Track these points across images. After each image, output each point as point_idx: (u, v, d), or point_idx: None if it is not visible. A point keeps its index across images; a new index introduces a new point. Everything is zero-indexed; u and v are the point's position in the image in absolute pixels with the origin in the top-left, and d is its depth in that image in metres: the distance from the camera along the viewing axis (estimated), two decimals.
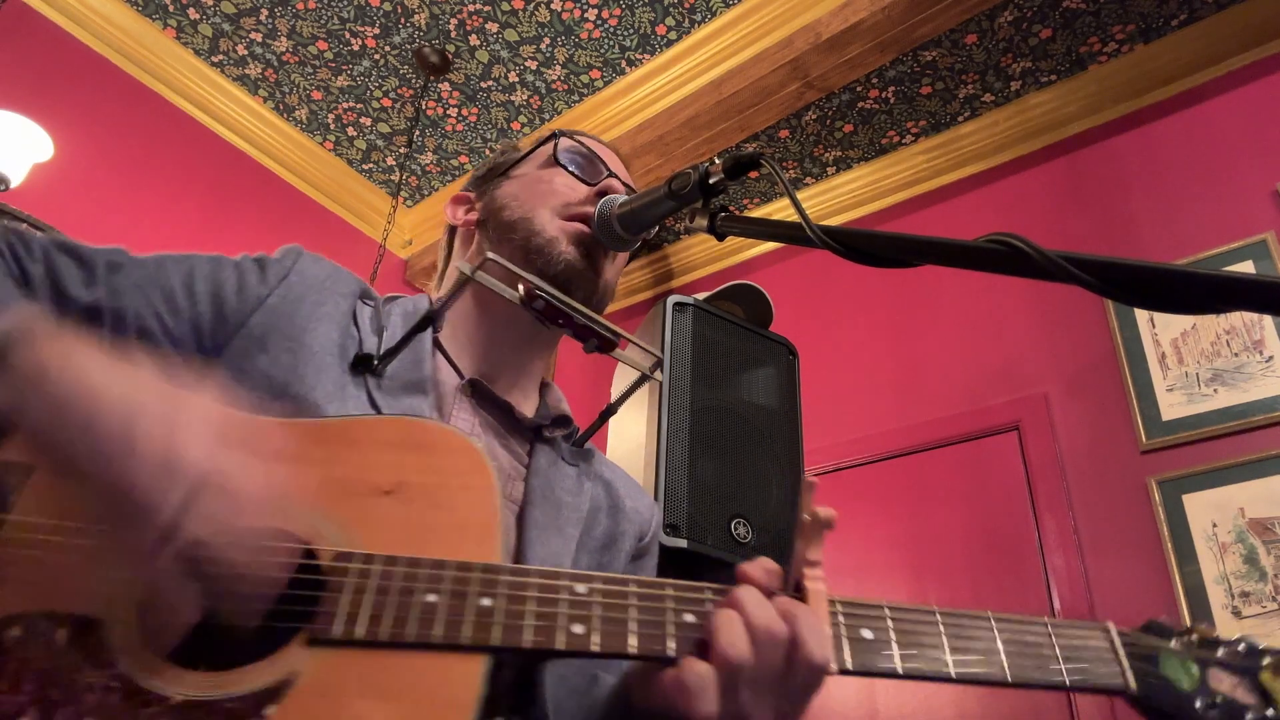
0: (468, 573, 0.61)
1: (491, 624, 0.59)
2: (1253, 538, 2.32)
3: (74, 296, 0.73)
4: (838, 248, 0.60)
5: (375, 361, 0.81)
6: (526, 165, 1.02)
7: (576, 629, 0.60)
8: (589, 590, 0.62)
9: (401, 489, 0.65)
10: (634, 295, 4.33)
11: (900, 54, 2.98)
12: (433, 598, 0.59)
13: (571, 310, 0.85)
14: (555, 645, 0.59)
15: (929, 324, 3.23)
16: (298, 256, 0.87)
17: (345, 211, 4.10)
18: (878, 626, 0.64)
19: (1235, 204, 2.73)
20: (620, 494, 0.97)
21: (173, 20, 3.38)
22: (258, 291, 0.81)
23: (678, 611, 0.62)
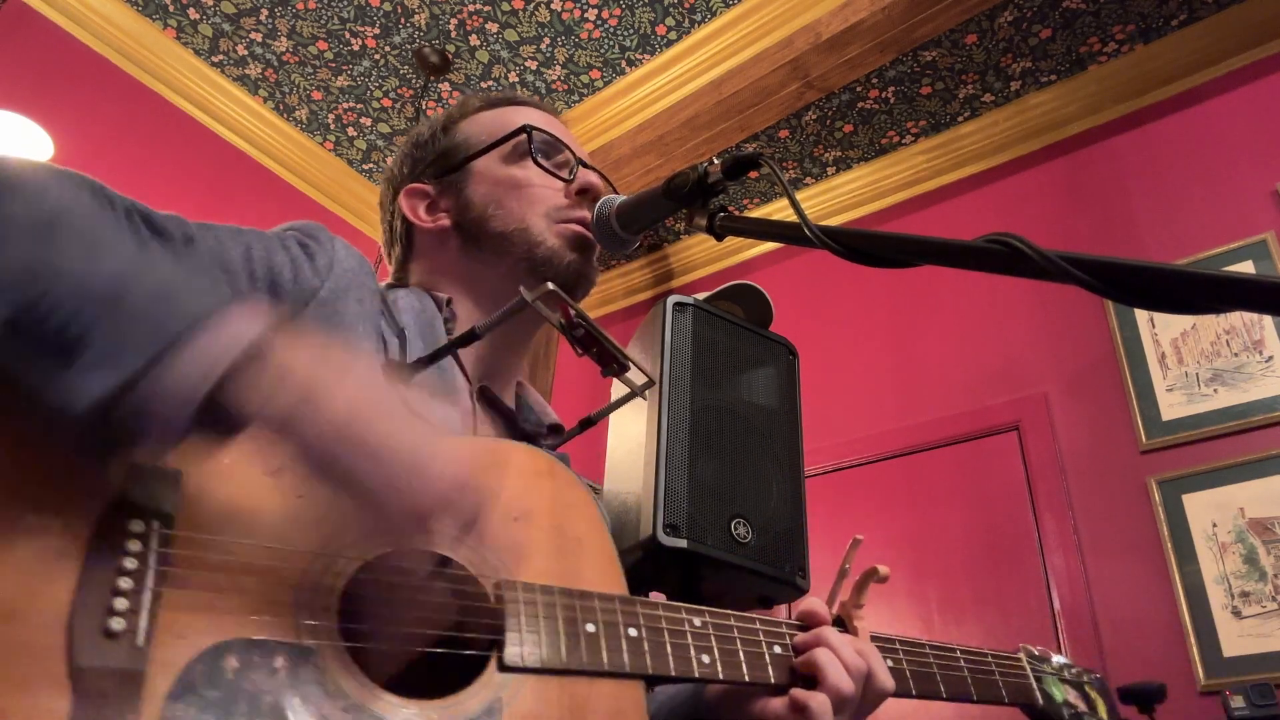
0: (610, 603, 0.68)
1: (644, 653, 0.67)
2: (1253, 538, 2.32)
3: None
4: (837, 248, 0.60)
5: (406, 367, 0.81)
6: (489, 159, 0.98)
7: (705, 658, 0.70)
8: (703, 623, 0.72)
9: (530, 516, 0.70)
10: (634, 295, 4.33)
11: (900, 54, 2.98)
12: (592, 627, 0.66)
13: (604, 339, 0.90)
14: (692, 673, 0.69)
15: (929, 324, 3.23)
16: (333, 242, 0.83)
17: (345, 211, 4.10)
18: (895, 658, 0.83)
19: (1235, 204, 2.73)
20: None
21: (173, 20, 3.38)
22: (311, 283, 0.77)
23: (769, 644, 0.76)
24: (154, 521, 0.53)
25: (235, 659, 0.52)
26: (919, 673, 0.84)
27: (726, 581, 1.51)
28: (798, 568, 1.54)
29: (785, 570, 1.51)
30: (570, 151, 0.99)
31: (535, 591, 0.65)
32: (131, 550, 0.51)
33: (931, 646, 0.88)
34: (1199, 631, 2.29)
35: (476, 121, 1.01)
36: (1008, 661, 0.93)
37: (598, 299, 4.41)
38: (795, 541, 1.57)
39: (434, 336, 0.86)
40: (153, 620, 0.51)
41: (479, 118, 1.02)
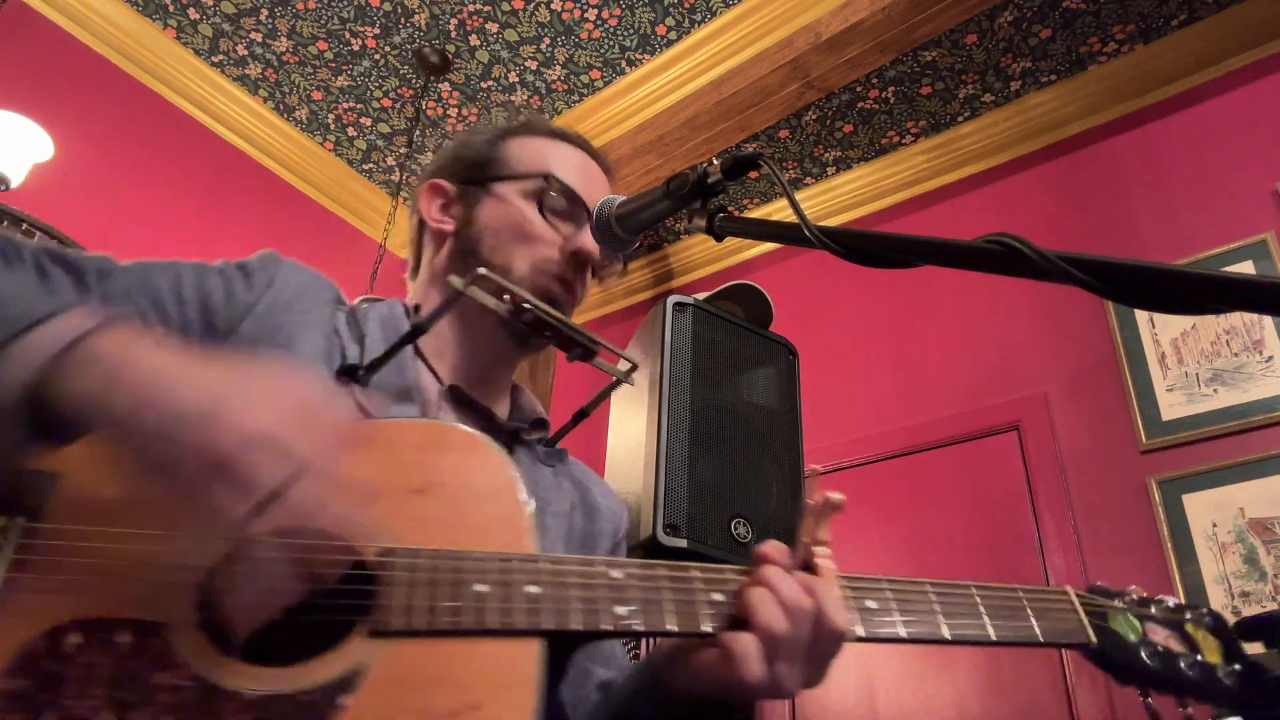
0: (508, 562, 0.64)
1: (541, 609, 0.63)
2: (1253, 538, 2.32)
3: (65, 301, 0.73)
4: (836, 248, 0.60)
5: (360, 370, 0.82)
6: (511, 188, 0.99)
7: (620, 610, 0.65)
8: (624, 575, 0.67)
9: (430, 488, 0.68)
10: (634, 295, 4.33)
11: (900, 54, 2.98)
12: (482, 587, 0.62)
13: (557, 322, 0.90)
14: (605, 626, 0.64)
15: (929, 324, 3.23)
16: (278, 263, 0.88)
17: (345, 211, 4.10)
18: (881, 598, 0.72)
19: (1235, 204, 2.73)
20: (594, 493, 1.00)
21: (173, 20, 3.38)
22: (245, 299, 0.81)
23: (706, 591, 0.68)
24: (18, 517, 0.57)
25: (78, 637, 0.55)
26: (911, 611, 0.71)
27: None
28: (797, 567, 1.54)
29: None
30: (585, 209, 0.99)
31: (421, 556, 0.63)
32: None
33: (935, 584, 0.74)
34: None
35: (524, 145, 1.03)
36: (1047, 595, 0.77)
37: (598, 299, 4.41)
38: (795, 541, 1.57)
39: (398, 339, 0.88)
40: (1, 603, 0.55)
41: (529, 142, 1.03)
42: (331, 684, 0.57)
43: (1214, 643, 0.79)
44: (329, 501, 0.56)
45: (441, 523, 0.66)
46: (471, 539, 0.65)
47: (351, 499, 0.60)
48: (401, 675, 0.58)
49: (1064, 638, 0.75)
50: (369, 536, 0.63)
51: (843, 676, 2.80)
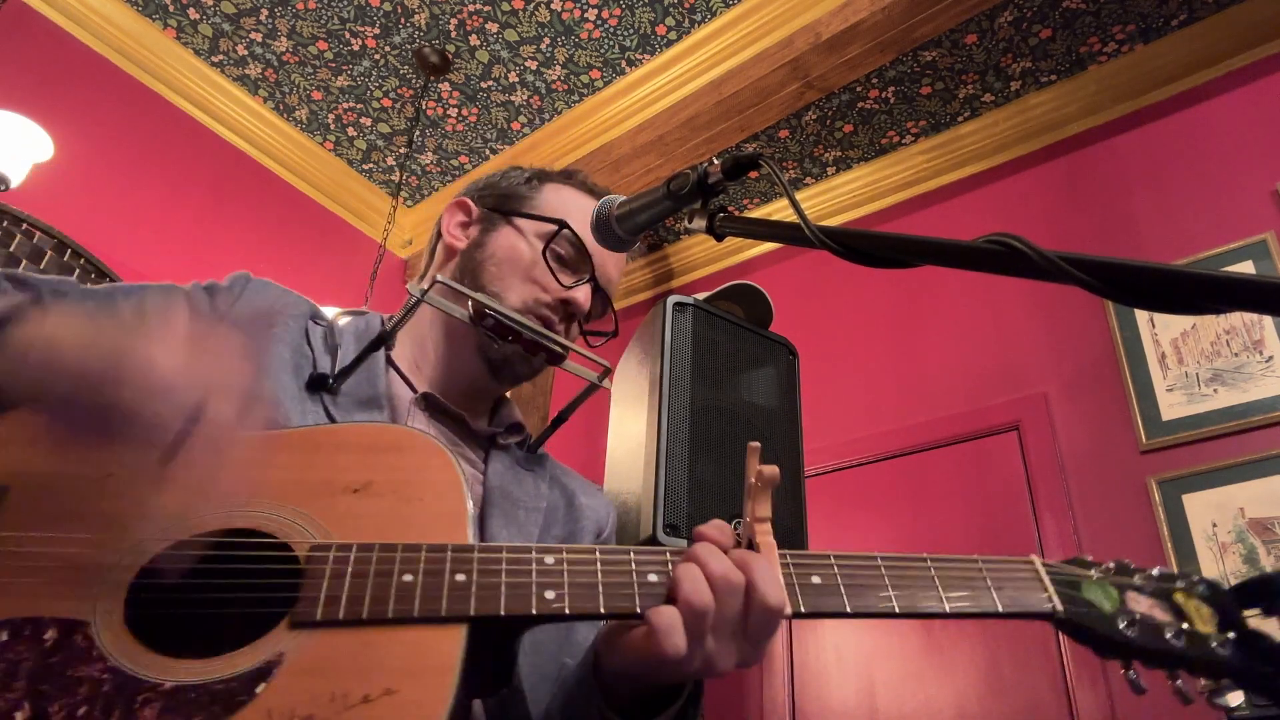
0: (441, 553, 0.65)
1: (468, 596, 0.62)
2: (1253, 538, 2.32)
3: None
4: (836, 248, 0.60)
5: (330, 380, 0.85)
6: (529, 226, 1.02)
7: (549, 594, 0.64)
8: (556, 560, 0.66)
9: (369, 487, 0.69)
10: (634, 295, 4.33)
11: (900, 54, 2.98)
12: (409, 578, 0.63)
13: (519, 326, 0.91)
14: (530, 611, 0.63)
15: (929, 324, 3.23)
16: (246, 283, 0.90)
17: (345, 211, 4.10)
18: (825, 573, 0.69)
19: (1235, 204, 2.73)
20: (575, 494, 1.01)
21: (173, 20, 3.38)
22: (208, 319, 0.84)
23: (641, 573, 0.67)
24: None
25: (5, 634, 0.57)
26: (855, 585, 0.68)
27: None
28: None
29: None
30: (589, 266, 1.01)
31: (350, 550, 0.64)
32: None
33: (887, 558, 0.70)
34: None
35: (557, 192, 1.06)
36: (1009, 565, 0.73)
37: None
38: (796, 541, 1.57)
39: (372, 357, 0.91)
40: None
41: (562, 190, 1.06)
42: (249, 673, 0.58)
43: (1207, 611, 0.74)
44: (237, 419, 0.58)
45: (379, 520, 0.67)
46: (411, 535, 0.66)
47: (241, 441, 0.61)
48: (318, 663, 0.59)
49: (1028, 607, 0.71)
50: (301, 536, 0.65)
51: (842, 676, 2.80)
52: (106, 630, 0.59)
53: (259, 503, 0.66)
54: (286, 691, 0.57)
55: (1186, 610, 0.74)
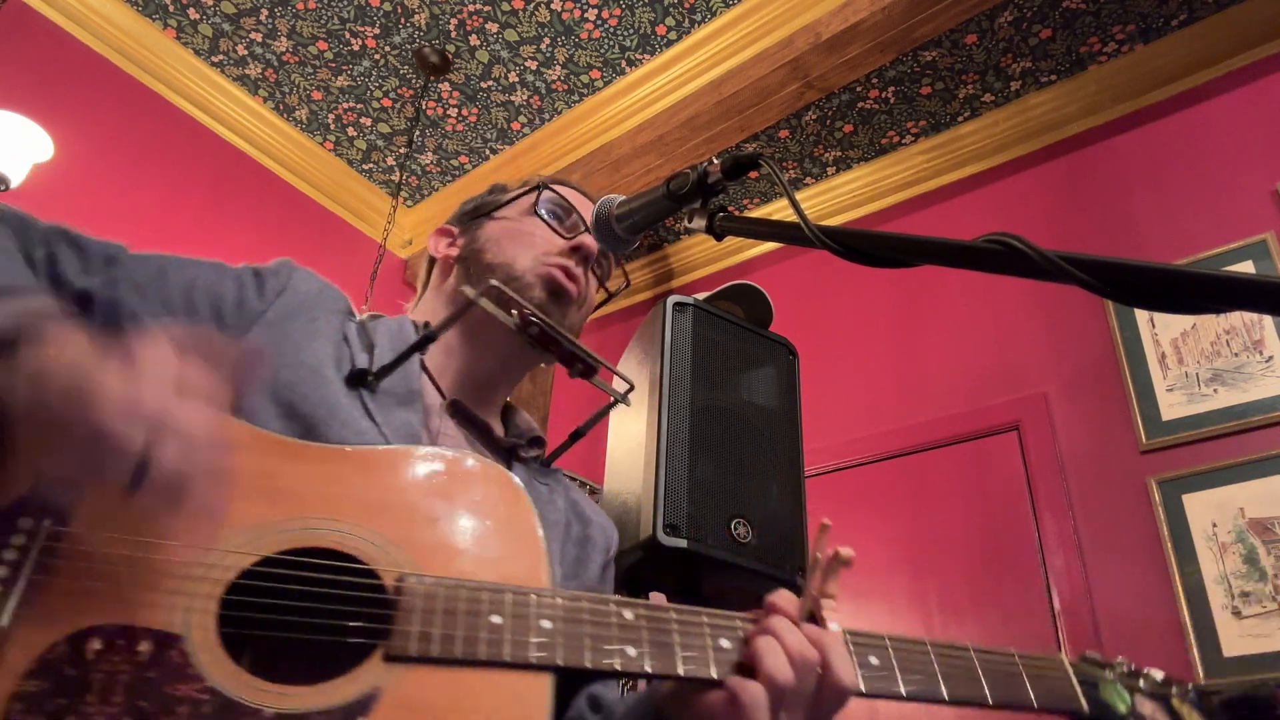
0: (524, 596, 0.65)
1: (555, 645, 0.64)
2: (1253, 538, 2.32)
3: (68, 281, 0.74)
4: (836, 248, 0.60)
5: (370, 376, 0.84)
6: (510, 209, 1.06)
7: (630, 651, 0.66)
8: (635, 616, 0.68)
9: (449, 515, 0.69)
10: (634, 295, 4.33)
11: (900, 54, 2.98)
12: (497, 619, 0.64)
13: (561, 338, 0.92)
14: (614, 666, 0.65)
15: (929, 324, 3.23)
16: (291, 271, 0.89)
17: (345, 211, 4.10)
18: (882, 655, 0.73)
19: (1235, 204, 2.73)
20: (586, 512, 1.02)
21: (173, 20, 3.38)
22: (255, 306, 0.83)
23: (714, 637, 0.70)
24: (45, 520, 0.58)
25: (99, 642, 0.55)
26: (912, 670, 0.73)
27: (726, 581, 1.51)
28: (798, 568, 1.54)
29: (785, 570, 1.51)
30: (580, 218, 1.05)
31: (438, 584, 0.64)
32: (14, 544, 0.56)
33: (935, 644, 0.76)
34: (1199, 631, 2.29)
35: (517, 183, 1.11)
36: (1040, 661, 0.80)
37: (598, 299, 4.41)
38: (795, 541, 1.57)
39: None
40: (25, 605, 0.55)
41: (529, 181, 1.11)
42: (347, 706, 0.58)
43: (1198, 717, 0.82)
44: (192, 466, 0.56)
45: (459, 551, 0.67)
46: (488, 569, 0.67)
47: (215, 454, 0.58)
48: (415, 701, 0.59)
49: (1059, 704, 0.77)
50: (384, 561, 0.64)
51: None
52: (201, 646, 0.58)
53: (339, 521, 0.65)
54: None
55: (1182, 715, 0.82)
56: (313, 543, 0.64)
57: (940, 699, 0.72)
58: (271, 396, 0.77)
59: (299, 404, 0.77)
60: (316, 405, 0.77)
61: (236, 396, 0.66)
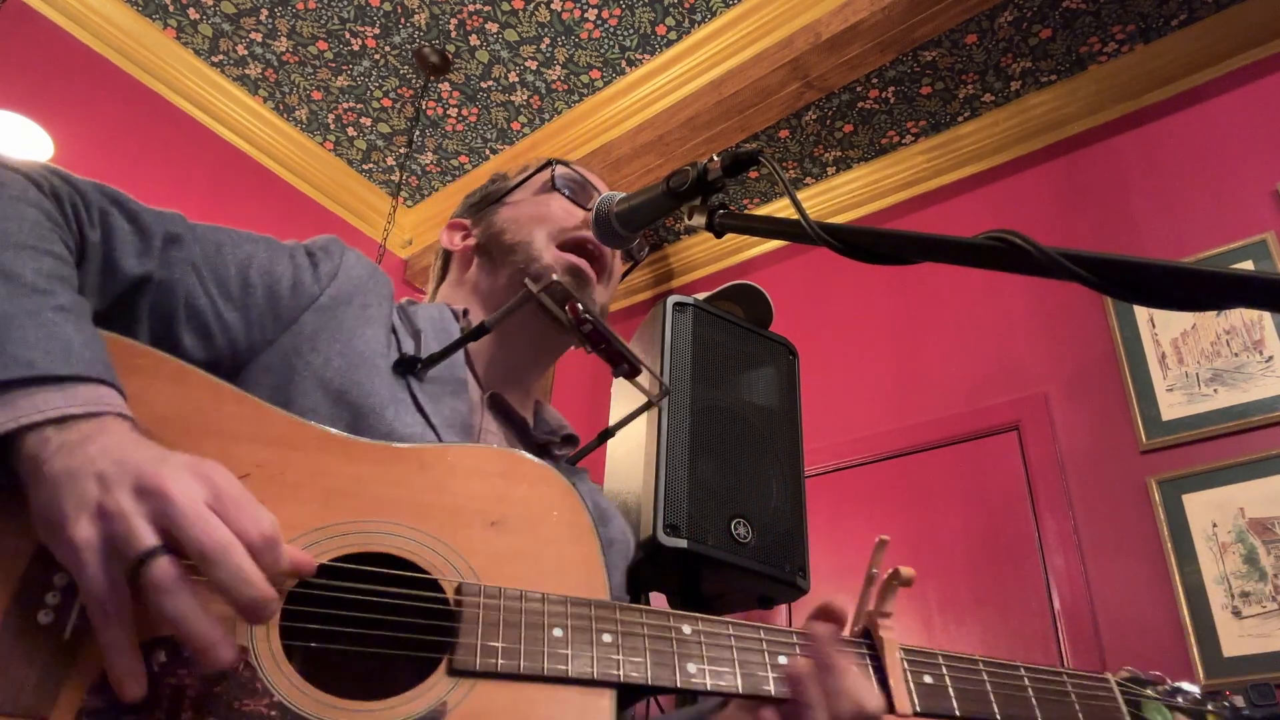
0: (585, 608, 0.65)
1: (616, 660, 0.63)
2: (1253, 538, 2.32)
3: (125, 268, 0.71)
4: (836, 245, 0.60)
5: (420, 364, 0.83)
6: (521, 192, 1.06)
7: (690, 667, 0.65)
8: (693, 631, 0.68)
9: (505, 521, 0.68)
10: (634, 295, 4.33)
11: (900, 54, 2.98)
12: (559, 632, 0.63)
13: (611, 338, 0.92)
14: (674, 683, 0.64)
15: (929, 324, 3.23)
16: (343, 253, 0.88)
17: (345, 211, 4.10)
18: (936, 674, 0.74)
19: (1235, 204, 2.73)
20: (608, 513, 1.02)
21: (173, 20, 3.38)
22: (311, 290, 0.82)
23: (772, 654, 0.70)
24: None
25: (164, 654, 0.54)
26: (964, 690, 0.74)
27: (726, 581, 1.51)
28: (798, 568, 1.54)
29: (785, 570, 1.51)
30: (595, 190, 1.06)
31: (499, 595, 0.63)
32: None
33: (987, 662, 0.78)
34: (1199, 631, 2.29)
35: (523, 167, 1.11)
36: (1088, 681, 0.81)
37: None
38: (796, 542, 1.57)
39: (449, 339, 0.90)
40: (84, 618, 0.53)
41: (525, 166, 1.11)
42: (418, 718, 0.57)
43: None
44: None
45: (518, 560, 0.67)
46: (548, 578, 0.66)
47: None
48: (482, 715, 0.59)
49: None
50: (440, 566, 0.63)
51: None
52: (266, 659, 0.56)
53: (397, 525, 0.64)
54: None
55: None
56: (371, 548, 0.62)
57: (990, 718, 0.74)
58: (322, 383, 0.75)
59: (350, 391, 0.76)
60: (368, 394, 0.76)
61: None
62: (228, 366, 0.76)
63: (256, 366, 0.76)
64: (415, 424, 0.78)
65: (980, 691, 0.74)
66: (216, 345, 0.75)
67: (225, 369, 0.75)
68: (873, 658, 0.74)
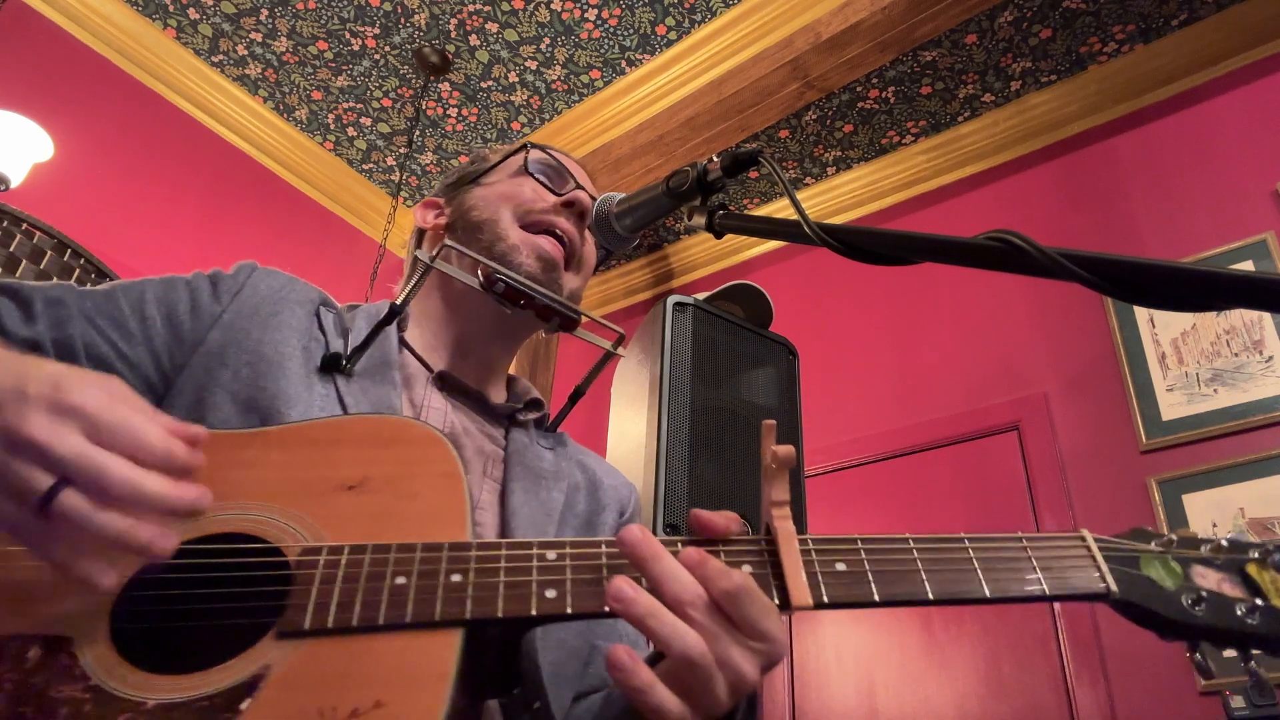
0: (436, 553, 0.61)
1: (464, 598, 0.59)
2: (1253, 538, 2.32)
3: (12, 333, 0.73)
4: (836, 245, 0.60)
5: (344, 361, 0.82)
6: (497, 174, 1.05)
7: (550, 594, 0.60)
8: (559, 556, 0.62)
9: (366, 483, 0.66)
10: (634, 295, 4.33)
11: (900, 54, 2.98)
12: (402, 580, 0.60)
13: (531, 291, 0.89)
14: (530, 612, 0.59)
15: (929, 324, 3.23)
16: (251, 271, 0.88)
17: (345, 211, 4.10)
18: (852, 559, 0.63)
19: (1235, 204, 2.73)
20: (597, 473, 1.00)
21: (173, 20, 3.38)
22: (211, 309, 0.82)
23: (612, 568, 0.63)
24: None
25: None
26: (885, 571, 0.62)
27: None
28: None
29: None
30: (570, 176, 1.03)
31: (343, 553, 0.61)
32: None
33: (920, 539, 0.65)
34: None
35: (501, 147, 1.10)
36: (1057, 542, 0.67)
37: (598, 299, 4.41)
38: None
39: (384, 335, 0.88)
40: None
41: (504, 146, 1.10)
42: (233, 688, 0.55)
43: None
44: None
45: (375, 518, 0.64)
46: (408, 533, 0.63)
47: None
48: (304, 675, 0.56)
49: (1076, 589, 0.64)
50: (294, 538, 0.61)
51: (842, 676, 2.80)
52: (89, 647, 0.57)
53: (246, 503, 0.63)
54: (272, 707, 0.55)
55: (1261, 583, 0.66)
56: (217, 529, 0.62)
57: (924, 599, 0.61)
58: (231, 394, 0.76)
59: (257, 396, 0.76)
60: (274, 396, 0.76)
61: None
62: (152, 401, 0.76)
63: (173, 392, 0.78)
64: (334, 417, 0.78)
65: (910, 572, 0.63)
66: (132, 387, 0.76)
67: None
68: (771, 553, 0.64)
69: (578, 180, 1.04)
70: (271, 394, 0.76)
